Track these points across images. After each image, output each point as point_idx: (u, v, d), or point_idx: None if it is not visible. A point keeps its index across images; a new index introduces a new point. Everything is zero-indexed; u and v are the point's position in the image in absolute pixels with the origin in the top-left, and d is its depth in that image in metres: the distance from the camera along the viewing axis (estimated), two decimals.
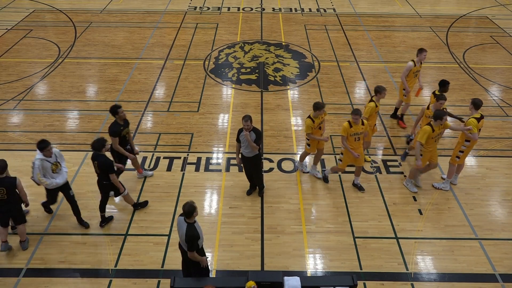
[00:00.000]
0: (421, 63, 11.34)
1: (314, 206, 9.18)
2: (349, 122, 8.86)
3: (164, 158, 10.41)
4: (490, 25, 18.28)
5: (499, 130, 11.60)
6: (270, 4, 20.41)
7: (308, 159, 10.27)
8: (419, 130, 9.08)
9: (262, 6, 20.17)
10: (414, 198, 9.36)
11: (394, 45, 16.33)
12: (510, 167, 10.31)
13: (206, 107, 12.41)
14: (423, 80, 14.06)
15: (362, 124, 8.96)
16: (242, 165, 9.16)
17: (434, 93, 10.12)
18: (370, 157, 10.55)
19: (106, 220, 8.63)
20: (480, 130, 9.02)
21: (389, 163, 10.37)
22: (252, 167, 8.98)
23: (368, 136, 9.65)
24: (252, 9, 19.80)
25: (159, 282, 7.52)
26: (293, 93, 13.26)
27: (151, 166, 10.17)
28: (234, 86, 13.59)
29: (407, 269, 7.81)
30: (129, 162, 9.48)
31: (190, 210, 6.36)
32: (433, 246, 8.28)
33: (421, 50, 11.21)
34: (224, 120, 11.90)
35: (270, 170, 10.11)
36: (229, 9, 19.72)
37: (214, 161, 10.37)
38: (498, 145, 11.04)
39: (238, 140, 8.72)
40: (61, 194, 8.49)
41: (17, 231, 8.11)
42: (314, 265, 7.90)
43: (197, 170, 10.06)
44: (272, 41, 16.51)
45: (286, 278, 6.10)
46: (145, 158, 10.40)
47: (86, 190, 9.38)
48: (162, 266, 7.81)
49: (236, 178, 9.86)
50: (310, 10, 19.69)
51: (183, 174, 9.95)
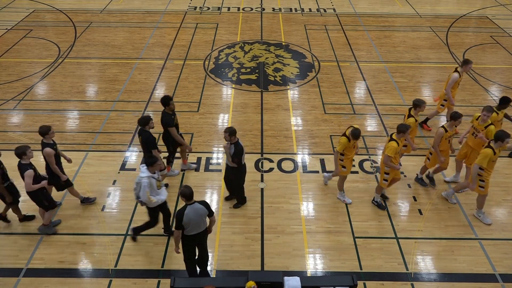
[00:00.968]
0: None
1: (314, 206, 9.18)
2: (396, 141, 8.34)
3: (164, 158, 10.39)
4: (490, 25, 18.28)
5: None
6: (270, 4, 20.41)
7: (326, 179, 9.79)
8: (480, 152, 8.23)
9: (262, 6, 20.17)
10: (414, 198, 9.36)
11: (394, 45, 16.33)
12: (510, 167, 10.31)
13: (206, 107, 12.41)
14: (423, 80, 14.07)
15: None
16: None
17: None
18: (370, 157, 10.55)
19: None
20: None
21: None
22: (232, 176, 8.72)
23: (408, 149, 9.49)
24: (252, 9, 19.80)
25: (159, 282, 7.52)
26: (293, 93, 13.26)
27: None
28: (234, 86, 13.59)
29: (407, 269, 7.81)
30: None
31: (191, 192, 6.68)
32: (433, 246, 8.28)
33: (466, 62, 10.59)
34: (224, 120, 11.90)
35: (270, 170, 10.11)
36: (229, 9, 19.72)
37: (214, 161, 10.36)
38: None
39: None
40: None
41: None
42: (314, 265, 7.90)
43: (197, 170, 10.06)
44: (272, 41, 16.51)
45: (286, 278, 6.09)
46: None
47: (86, 190, 9.38)
48: (162, 266, 7.81)
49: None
50: (310, 10, 19.69)
51: (183, 174, 9.95)
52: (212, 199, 9.30)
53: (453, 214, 8.97)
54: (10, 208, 8.49)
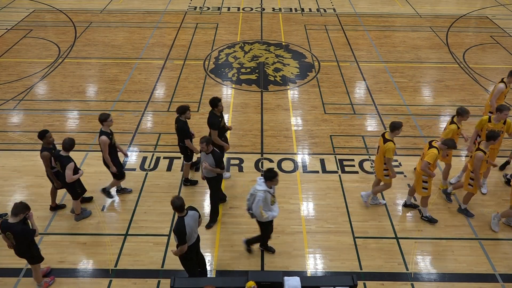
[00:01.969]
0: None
1: (314, 206, 9.18)
2: (436, 148, 8.15)
3: (164, 158, 10.40)
4: (490, 25, 18.28)
5: None
6: (270, 4, 20.41)
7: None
8: None
9: (262, 6, 20.17)
10: (414, 198, 9.35)
11: (394, 45, 16.33)
12: (510, 167, 10.31)
13: (206, 107, 12.37)
14: (423, 80, 14.07)
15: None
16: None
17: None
18: (370, 157, 10.55)
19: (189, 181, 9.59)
20: None
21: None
22: (211, 188, 8.37)
23: (448, 158, 9.25)
24: (252, 9, 19.80)
25: (159, 282, 7.52)
26: (293, 93, 13.26)
27: (151, 166, 10.17)
28: (234, 86, 13.59)
29: (407, 269, 7.80)
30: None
31: (183, 203, 6.46)
32: (433, 246, 8.28)
33: None
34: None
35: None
36: (229, 9, 19.72)
37: None
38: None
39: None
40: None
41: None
42: (314, 265, 7.90)
43: (197, 170, 10.06)
44: (272, 41, 16.51)
45: (286, 278, 6.09)
46: (145, 158, 10.40)
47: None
48: (162, 266, 7.80)
49: (236, 178, 9.86)
50: (310, 10, 19.69)
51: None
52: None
53: (453, 214, 8.97)
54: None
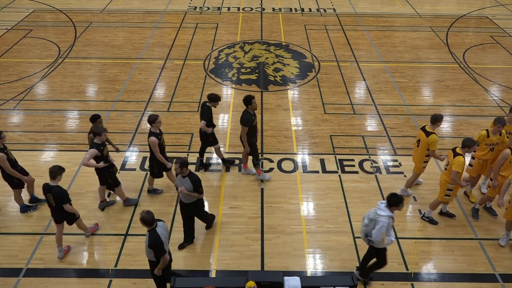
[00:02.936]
0: None
1: (314, 206, 9.18)
2: (462, 155, 7.92)
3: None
4: (490, 25, 18.28)
5: None
6: (270, 4, 20.41)
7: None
8: None
9: (262, 6, 20.17)
10: (414, 198, 9.36)
11: (394, 45, 16.33)
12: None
13: None
14: (423, 80, 14.07)
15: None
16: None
17: None
18: (370, 157, 10.55)
19: (203, 164, 9.91)
20: None
21: (389, 163, 10.37)
22: (192, 210, 7.82)
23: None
24: (252, 9, 19.80)
25: None
26: (293, 93, 13.26)
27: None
28: (234, 86, 13.59)
29: (407, 269, 7.80)
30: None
31: (153, 217, 6.25)
32: (433, 246, 8.27)
33: None
34: (224, 120, 11.90)
35: (270, 170, 10.11)
36: (229, 9, 19.73)
37: (214, 161, 10.36)
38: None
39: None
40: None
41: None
42: (314, 265, 7.89)
43: (197, 170, 10.06)
44: (272, 41, 16.51)
45: (286, 278, 6.10)
46: (145, 158, 10.40)
47: (86, 190, 9.37)
48: None
49: (236, 178, 9.86)
50: (310, 10, 19.70)
51: None
52: (212, 199, 9.30)
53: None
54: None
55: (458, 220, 8.82)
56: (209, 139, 9.58)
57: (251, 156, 9.54)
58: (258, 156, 9.63)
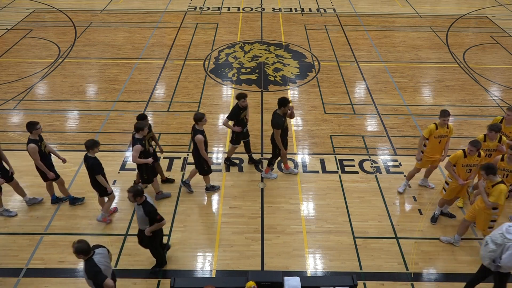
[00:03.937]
0: None
1: (314, 206, 9.18)
2: (463, 151, 7.88)
3: (164, 158, 10.40)
4: (490, 25, 18.28)
5: None
6: (270, 4, 20.41)
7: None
8: None
9: (262, 6, 20.17)
10: (414, 198, 9.36)
11: (394, 45, 16.33)
12: None
13: (206, 107, 12.41)
14: (423, 80, 14.08)
15: (479, 155, 7.90)
16: None
17: None
18: (370, 157, 10.55)
19: (253, 159, 10.15)
20: None
21: (389, 163, 10.37)
22: (146, 239, 7.40)
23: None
24: (252, 9, 19.80)
25: (159, 282, 7.51)
26: (293, 93, 13.26)
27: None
28: (234, 86, 13.59)
29: (407, 269, 7.80)
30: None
31: (88, 245, 5.92)
32: (433, 246, 8.27)
33: None
34: (224, 120, 11.88)
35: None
36: (229, 9, 19.72)
37: (214, 161, 10.35)
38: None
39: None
40: None
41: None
42: (314, 265, 7.89)
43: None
44: (272, 41, 16.51)
45: (286, 278, 6.09)
46: None
47: (86, 190, 9.37)
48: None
49: (236, 178, 9.86)
50: (310, 10, 19.69)
51: (183, 174, 9.95)
52: (212, 199, 9.31)
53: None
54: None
55: (458, 220, 8.81)
56: (232, 136, 9.85)
57: (273, 155, 9.56)
58: (277, 158, 9.64)
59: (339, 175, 9.96)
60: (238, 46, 16.09)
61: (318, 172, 10.07)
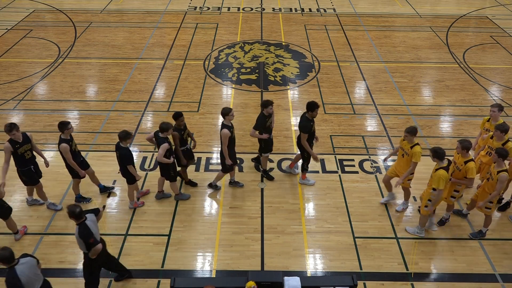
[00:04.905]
0: None
1: (314, 206, 9.18)
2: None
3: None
4: (490, 25, 18.28)
5: None
6: (270, 4, 20.41)
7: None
8: None
9: (262, 6, 20.17)
10: (414, 198, 9.35)
11: (394, 45, 16.33)
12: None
13: (206, 107, 12.41)
14: (424, 80, 14.07)
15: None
16: None
17: None
18: (370, 157, 10.55)
19: (269, 176, 9.87)
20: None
21: (389, 163, 10.36)
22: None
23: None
24: (252, 9, 19.80)
25: (159, 282, 7.51)
26: (293, 93, 13.26)
27: (151, 166, 10.17)
28: (234, 86, 13.59)
29: (407, 269, 7.80)
30: None
31: (11, 253, 5.74)
32: (433, 246, 8.27)
33: None
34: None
35: (270, 170, 10.11)
36: (229, 9, 19.72)
37: (214, 161, 10.36)
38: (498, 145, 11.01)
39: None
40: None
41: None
42: (314, 265, 7.89)
43: (197, 170, 10.06)
44: (272, 41, 16.51)
45: (286, 278, 6.09)
46: (145, 158, 10.40)
47: (86, 190, 9.37)
48: (162, 266, 7.80)
49: (236, 178, 9.85)
50: (310, 10, 19.70)
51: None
52: (212, 199, 9.31)
53: (452, 214, 8.96)
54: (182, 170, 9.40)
55: (458, 220, 8.82)
56: (260, 145, 9.54)
57: (303, 160, 9.40)
58: (309, 162, 9.45)
59: (339, 175, 9.96)
60: (238, 46, 16.09)
61: (318, 172, 10.07)
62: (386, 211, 9.01)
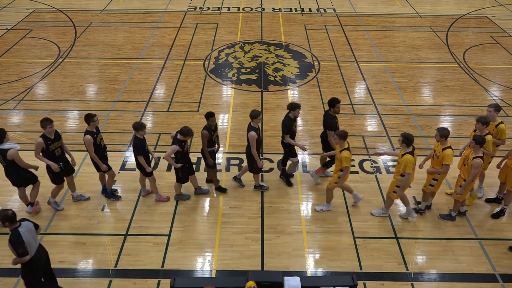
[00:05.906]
0: None
1: (314, 206, 9.18)
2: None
3: (164, 158, 10.38)
4: (490, 25, 18.28)
5: None
6: (270, 4, 20.42)
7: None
8: None
9: (262, 6, 20.17)
10: (414, 198, 9.35)
11: (394, 45, 16.33)
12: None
13: (206, 107, 12.40)
14: (423, 80, 14.08)
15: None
16: None
17: None
18: (370, 157, 10.55)
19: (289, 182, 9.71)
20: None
21: (389, 163, 10.37)
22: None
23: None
24: (252, 9, 19.80)
25: (159, 282, 7.51)
26: (293, 93, 13.26)
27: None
28: (234, 86, 13.59)
29: (407, 269, 7.80)
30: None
31: (13, 213, 6.06)
32: (433, 246, 8.27)
33: None
34: (224, 120, 11.90)
35: (270, 170, 10.11)
36: (229, 9, 19.73)
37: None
38: None
39: None
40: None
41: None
42: (314, 265, 7.89)
43: (197, 170, 10.05)
44: (272, 41, 16.51)
45: (286, 278, 6.08)
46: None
47: (86, 190, 9.37)
48: (162, 266, 7.80)
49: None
50: (310, 10, 19.70)
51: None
52: (212, 199, 9.30)
53: None
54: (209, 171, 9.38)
55: (458, 220, 8.82)
56: (285, 149, 9.46)
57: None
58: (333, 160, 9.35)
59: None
60: (238, 46, 16.10)
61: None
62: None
